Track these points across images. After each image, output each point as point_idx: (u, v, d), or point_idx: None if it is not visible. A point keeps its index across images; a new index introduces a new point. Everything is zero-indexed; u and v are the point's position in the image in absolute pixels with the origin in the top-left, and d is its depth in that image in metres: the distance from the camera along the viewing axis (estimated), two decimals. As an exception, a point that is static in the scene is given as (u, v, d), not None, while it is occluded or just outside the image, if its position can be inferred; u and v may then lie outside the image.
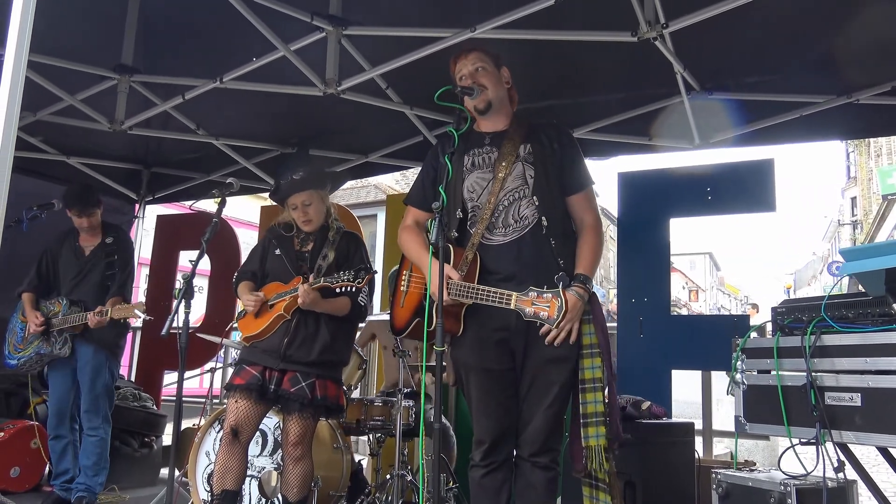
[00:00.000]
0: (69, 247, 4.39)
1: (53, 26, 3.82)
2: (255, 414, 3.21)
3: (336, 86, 3.95)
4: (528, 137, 2.71)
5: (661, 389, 4.48)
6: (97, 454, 4.23)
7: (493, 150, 2.71)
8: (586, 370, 2.56)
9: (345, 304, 3.25)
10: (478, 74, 2.73)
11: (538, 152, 2.67)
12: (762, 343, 2.73)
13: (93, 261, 4.34)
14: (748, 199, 4.57)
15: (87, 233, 4.40)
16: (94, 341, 4.20)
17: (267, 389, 3.19)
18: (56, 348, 4.16)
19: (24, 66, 1.92)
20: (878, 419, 2.28)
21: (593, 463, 2.52)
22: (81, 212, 4.33)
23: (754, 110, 4.39)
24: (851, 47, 3.78)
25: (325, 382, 3.24)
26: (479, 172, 2.70)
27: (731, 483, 2.66)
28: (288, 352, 3.21)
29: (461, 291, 2.52)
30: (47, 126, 5.07)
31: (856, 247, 3.31)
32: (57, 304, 4.23)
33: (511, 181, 2.64)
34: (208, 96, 4.52)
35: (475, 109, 2.74)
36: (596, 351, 2.57)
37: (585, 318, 2.57)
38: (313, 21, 3.70)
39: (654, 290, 4.75)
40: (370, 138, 5.36)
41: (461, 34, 3.65)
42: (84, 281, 4.29)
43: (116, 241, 4.44)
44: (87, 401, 4.22)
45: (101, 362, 4.25)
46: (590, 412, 2.54)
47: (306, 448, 3.23)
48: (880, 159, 24.45)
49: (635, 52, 3.68)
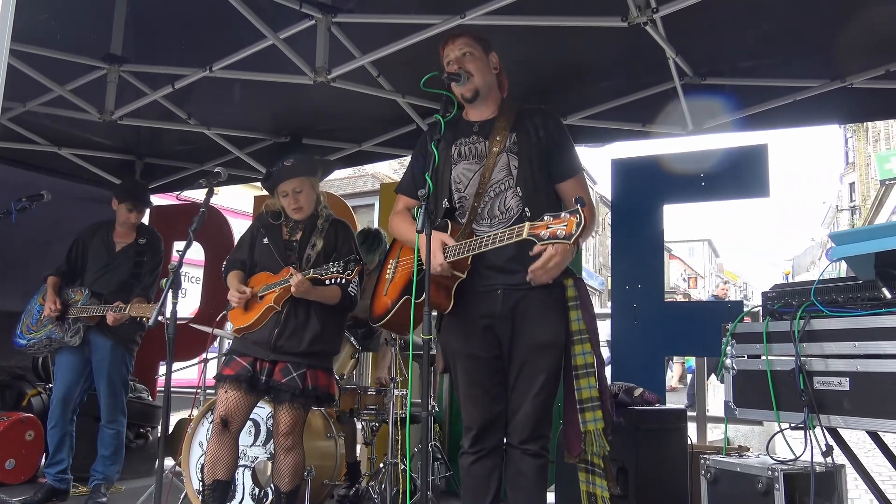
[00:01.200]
0: (101, 239, 4.43)
1: (42, 16, 3.81)
2: (245, 404, 3.20)
3: (326, 74, 3.92)
4: (515, 126, 2.67)
5: (656, 376, 4.49)
6: (115, 445, 4.33)
7: (480, 139, 2.69)
8: (577, 356, 2.57)
9: (335, 293, 3.24)
10: (464, 60, 2.69)
11: (524, 141, 2.64)
12: (752, 328, 2.73)
13: (122, 257, 4.39)
14: (742, 185, 4.56)
15: (125, 228, 4.46)
16: (111, 335, 4.22)
17: (258, 380, 3.19)
18: (68, 336, 4.19)
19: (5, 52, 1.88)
20: (866, 403, 2.27)
21: (593, 447, 2.54)
22: (134, 206, 4.42)
23: (748, 96, 4.36)
24: (845, 31, 3.74)
25: (315, 372, 3.24)
26: (465, 163, 2.69)
27: (719, 469, 2.66)
28: (278, 342, 3.21)
29: (461, 250, 2.45)
30: (37, 117, 5.04)
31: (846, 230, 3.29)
32: (78, 293, 4.27)
33: (497, 172, 2.62)
34: (200, 86, 4.49)
35: (462, 97, 2.72)
36: (585, 337, 2.57)
37: (573, 304, 2.57)
38: (302, 8, 3.67)
39: (648, 277, 4.74)
40: (363, 127, 5.34)
41: (451, 20, 3.62)
42: (109, 275, 4.33)
43: (150, 244, 4.49)
44: (108, 393, 4.28)
45: (119, 356, 4.30)
46: (585, 397, 2.55)
47: (297, 438, 3.23)
48: (878, 144, 24.41)
49: (628, 38, 3.65)
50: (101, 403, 4.30)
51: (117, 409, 4.33)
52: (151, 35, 4.27)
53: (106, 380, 4.26)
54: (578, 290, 2.59)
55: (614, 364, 4.70)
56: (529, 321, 2.54)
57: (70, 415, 4.30)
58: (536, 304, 2.55)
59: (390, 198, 3.38)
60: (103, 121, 4.69)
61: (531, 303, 2.54)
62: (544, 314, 2.55)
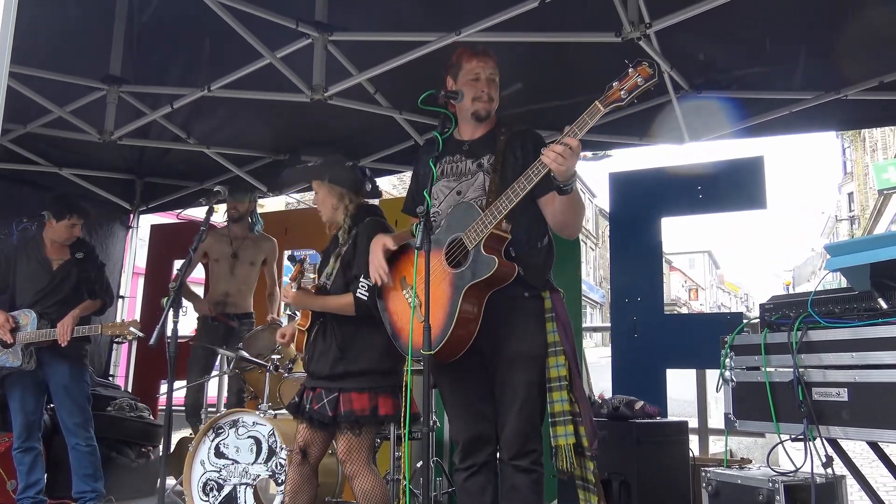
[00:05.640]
0: (34, 258, 4.26)
1: (41, 39, 3.84)
2: (314, 434, 3.15)
3: (323, 92, 3.95)
4: (498, 146, 2.67)
5: (657, 389, 4.49)
6: (94, 459, 4.26)
7: (462, 158, 2.71)
8: (551, 368, 2.55)
9: (346, 301, 3.04)
10: (492, 85, 2.72)
11: (500, 162, 2.63)
12: (750, 340, 2.73)
13: (61, 274, 4.26)
14: (739, 197, 4.58)
15: (61, 244, 4.31)
16: (67, 356, 4.15)
17: (303, 409, 3.15)
18: (24, 362, 4.06)
19: (4, 74, 1.91)
20: (864, 414, 2.27)
21: (564, 463, 2.51)
22: (78, 220, 4.29)
23: (743, 108, 4.40)
24: (838, 43, 3.78)
25: (349, 396, 3.05)
26: (445, 180, 2.71)
27: (720, 481, 2.66)
28: (310, 368, 3.18)
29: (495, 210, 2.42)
30: (38, 138, 5.07)
31: (841, 242, 3.30)
32: (24, 317, 4.12)
33: (472, 191, 2.63)
34: (198, 105, 4.53)
35: (474, 115, 2.71)
36: (560, 349, 2.55)
37: (549, 317, 2.57)
38: (299, 27, 3.71)
39: (647, 290, 4.75)
40: (361, 143, 5.37)
41: (446, 37, 3.66)
42: (52, 295, 4.20)
43: (89, 257, 4.37)
44: (76, 413, 4.21)
45: (79, 374, 4.26)
46: (557, 411, 2.53)
47: (357, 465, 3.08)
48: (876, 154, 24.46)
49: (622, 52, 3.68)
50: (68, 424, 4.20)
51: (87, 424, 4.26)
52: (150, 56, 4.31)
53: (71, 401, 4.19)
54: (554, 303, 2.59)
55: (615, 377, 4.69)
56: (508, 333, 2.54)
57: (36, 435, 4.25)
58: (515, 316, 2.55)
59: (389, 213, 3.37)
60: (103, 141, 4.71)
61: (510, 315, 2.54)
62: (523, 326, 2.55)
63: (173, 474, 4.66)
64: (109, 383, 6.05)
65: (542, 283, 2.61)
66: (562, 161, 2.31)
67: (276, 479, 3.67)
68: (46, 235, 4.30)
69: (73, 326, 4.07)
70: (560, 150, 2.32)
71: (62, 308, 4.17)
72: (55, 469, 4.58)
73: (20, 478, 4.24)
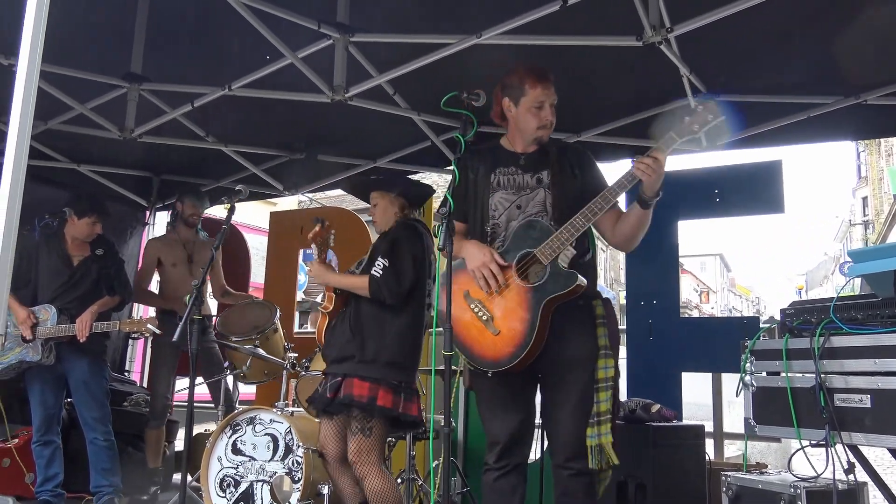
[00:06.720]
0: (56, 254, 4.31)
1: (64, 36, 3.87)
2: (326, 428, 3.19)
3: (344, 92, 3.97)
4: (551, 163, 2.72)
5: (672, 392, 4.48)
6: (111, 458, 4.30)
7: (519, 171, 2.74)
8: (600, 370, 2.62)
9: (361, 280, 3.12)
10: (554, 112, 2.75)
11: (558, 178, 2.69)
12: (771, 345, 2.73)
13: (82, 271, 4.31)
14: (756, 201, 4.57)
15: (82, 241, 4.36)
16: (86, 351, 4.20)
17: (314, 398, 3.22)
18: (44, 357, 4.10)
19: (36, 74, 1.94)
20: (887, 420, 2.27)
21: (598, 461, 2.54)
22: (99, 219, 4.35)
23: (761, 112, 4.38)
24: (858, 48, 3.76)
25: (352, 381, 3.05)
26: (503, 192, 2.73)
27: (740, 486, 2.66)
28: (325, 352, 3.24)
29: None
30: (58, 135, 5.11)
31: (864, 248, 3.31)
32: (44, 312, 4.16)
33: (532, 206, 2.67)
34: (217, 103, 4.55)
35: (537, 140, 2.74)
36: (609, 352, 2.64)
37: (601, 322, 2.65)
38: (320, 29, 3.72)
39: (663, 293, 4.75)
40: (378, 144, 5.40)
41: (467, 40, 3.67)
42: (72, 290, 4.25)
43: (109, 254, 4.43)
44: (95, 409, 4.25)
45: (98, 370, 4.30)
46: (602, 410, 2.58)
47: (366, 467, 3.07)
48: (891, 159, 24.32)
49: (642, 55, 3.68)
50: (87, 418, 4.24)
51: (106, 419, 4.30)
52: (171, 54, 4.34)
53: (90, 396, 4.23)
54: (606, 310, 2.69)
55: (630, 380, 4.69)
56: (566, 339, 2.57)
57: (55, 429, 4.29)
58: (572, 323, 2.59)
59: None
60: (123, 138, 4.75)
61: (563, 319, 2.56)
62: (579, 331, 2.61)
63: (190, 471, 4.68)
64: (125, 379, 6.09)
65: (592, 293, 2.68)
66: (651, 172, 2.45)
67: (292, 476, 3.69)
68: (68, 232, 4.35)
69: (91, 322, 4.11)
70: (650, 161, 2.46)
71: (82, 304, 4.21)
72: (72, 463, 4.60)
73: (38, 471, 4.27)
